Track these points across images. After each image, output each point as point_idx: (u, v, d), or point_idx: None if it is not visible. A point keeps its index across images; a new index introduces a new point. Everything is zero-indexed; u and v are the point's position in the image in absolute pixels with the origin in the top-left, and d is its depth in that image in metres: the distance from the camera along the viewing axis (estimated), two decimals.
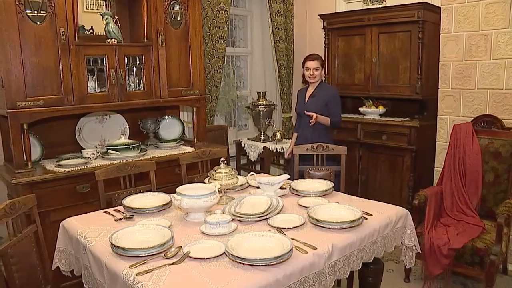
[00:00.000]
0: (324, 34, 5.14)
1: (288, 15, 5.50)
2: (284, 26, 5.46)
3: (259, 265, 1.82)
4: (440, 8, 4.16)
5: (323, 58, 5.11)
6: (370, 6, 4.73)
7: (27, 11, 3.12)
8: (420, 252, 2.72)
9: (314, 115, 3.94)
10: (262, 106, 4.73)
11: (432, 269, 3.28)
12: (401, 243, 2.59)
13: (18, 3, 3.06)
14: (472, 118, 3.90)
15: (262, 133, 4.82)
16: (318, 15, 5.18)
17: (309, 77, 4.11)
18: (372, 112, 4.79)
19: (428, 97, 4.38)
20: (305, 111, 4.05)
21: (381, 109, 4.76)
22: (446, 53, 4.13)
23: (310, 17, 5.94)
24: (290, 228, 2.24)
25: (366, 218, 2.38)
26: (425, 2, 4.17)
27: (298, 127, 4.28)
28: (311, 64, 4.08)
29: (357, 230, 2.25)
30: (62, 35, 3.27)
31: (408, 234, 2.58)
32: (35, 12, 3.15)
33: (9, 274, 2.11)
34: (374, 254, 2.34)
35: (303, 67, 4.16)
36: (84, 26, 3.79)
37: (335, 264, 2.09)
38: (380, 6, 4.66)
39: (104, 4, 3.93)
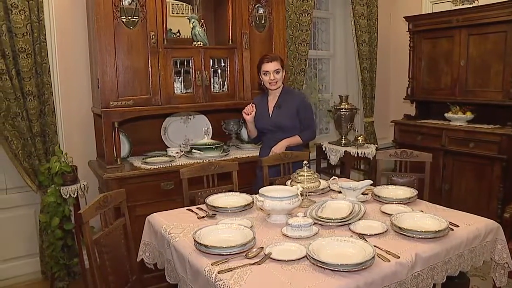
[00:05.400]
0: (409, 37, 4.99)
1: (371, 18, 5.39)
2: (368, 29, 5.35)
3: (341, 271, 1.79)
4: None
5: (410, 61, 4.99)
6: (460, 7, 4.52)
7: (122, 17, 3.31)
8: None
9: (276, 153, 3.40)
10: (344, 110, 4.65)
11: None
12: (491, 258, 2.44)
13: (115, 11, 3.27)
14: None
15: (343, 137, 4.74)
16: (403, 17, 5.03)
17: (270, 83, 3.39)
18: (459, 118, 4.57)
19: None
20: (271, 126, 3.48)
21: (469, 115, 4.53)
22: None
23: (394, 19, 5.78)
24: (372, 234, 2.19)
25: (452, 229, 2.27)
26: None
27: (261, 144, 3.69)
28: (270, 66, 3.34)
29: (442, 241, 2.15)
30: (152, 38, 3.43)
31: (499, 250, 2.42)
32: (129, 17, 3.34)
33: (102, 261, 2.23)
34: (460, 268, 2.23)
35: (258, 72, 3.46)
36: (171, 30, 3.94)
37: (418, 275, 2.01)
38: (471, 6, 4.43)
39: (191, 8, 4.07)
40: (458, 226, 2.31)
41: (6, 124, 3.39)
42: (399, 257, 1.95)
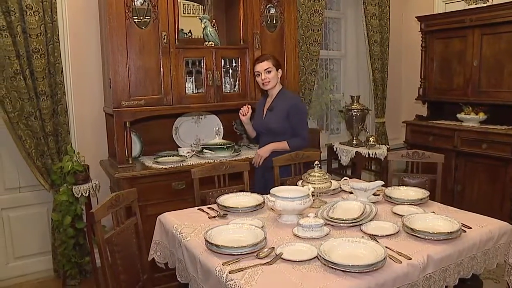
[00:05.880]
0: (421, 37, 4.96)
1: (383, 18, 5.37)
2: (379, 29, 5.32)
3: (352, 272, 1.78)
4: None
5: (422, 61, 4.95)
6: (473, 6, 4.47)
7: (134, 18, 3.33)
8: None
9: (258, 158, 3.39)
10: (355, 110, 4.64)
11: None
12: (504, 261, 2.40)
13: (127, 11, 3.29)
14: None
15: (354, 138, 4.73)
16: (415, 17, 5.01)
17: (263, 84, 3.34)
18: (471, 119, 4.53)
19: None
20: (262, 128, 3.46)
21: (482, 116, 4.49)
22: None
23: (406, 19, 5.75)
24: (384, 236, 2.18)
25: (465, 231, 2.24)
26: None
27: (258, 144, 3.63)
28: (261, 66, 3.30)
29: (454, 242, 2.13)
30: (164, 38, 3.45)
31: None
32: (141, 18, 3.36)
33: (114, 260, 2.24)
34: (473, 270, 2.21)
35: (254, 75, 3.46)
36: (183, 30, 3.95)
37: (430, 276, 2.00)
38: (484, 5, 4.39)
39: (202, 8, 4.07)
40: (470, 228, 2.29)
41: (20, 124, 3.43)
42: (410, 259, 1.93)
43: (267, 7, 3.89)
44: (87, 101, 3.87)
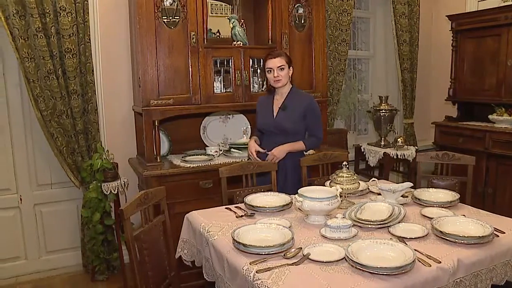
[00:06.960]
0: (452, 36, 4.87)
1: (413, 17, 5.29)
2: (409, 28, 5.25)
3: (380, 274, 1.76)
4: None
5: (452, 61, 4.86)
6: (510, 3, 4.35)
7: (163, 18, 3.37)
8: None
9: (273, 159, 3.19)
10: (383, 111, 4.59)
11: None
12: None
13: (156, 11, 3.33)
14: None
15: (382, 138, 4.68)
16: (446, 15, 4.92)
17: (274, 81, 3.18)
18: (504, 121, 4.42)
19: None
20: (273, 128, 3.26)
21: None
22: None
23: (436, 18, 5.65)
24: (412, 238, 2.14)
25: (498, 235, 2.19)
26: None
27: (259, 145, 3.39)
28: (274, 62, 3.15)
29: (486, 247, 2.08)
30: (193, 38, 3.47)
31: None
32: (170, 18, 3.39)
33: (142, 257, 2.27)
34: (507, 277, 2.14)
35: (264, 70, 3.28)
36: (211, 30, 3.97)
37: (460, 281, 1.95)
38: None
39: (230, 8, 4.09)
40: (504, 233, 2.23)
41: (52, 122, 3.51)
42: (440, 262, 1.90)
43: (296, 6, 3.89)
44: (117, 100, 3.93)
